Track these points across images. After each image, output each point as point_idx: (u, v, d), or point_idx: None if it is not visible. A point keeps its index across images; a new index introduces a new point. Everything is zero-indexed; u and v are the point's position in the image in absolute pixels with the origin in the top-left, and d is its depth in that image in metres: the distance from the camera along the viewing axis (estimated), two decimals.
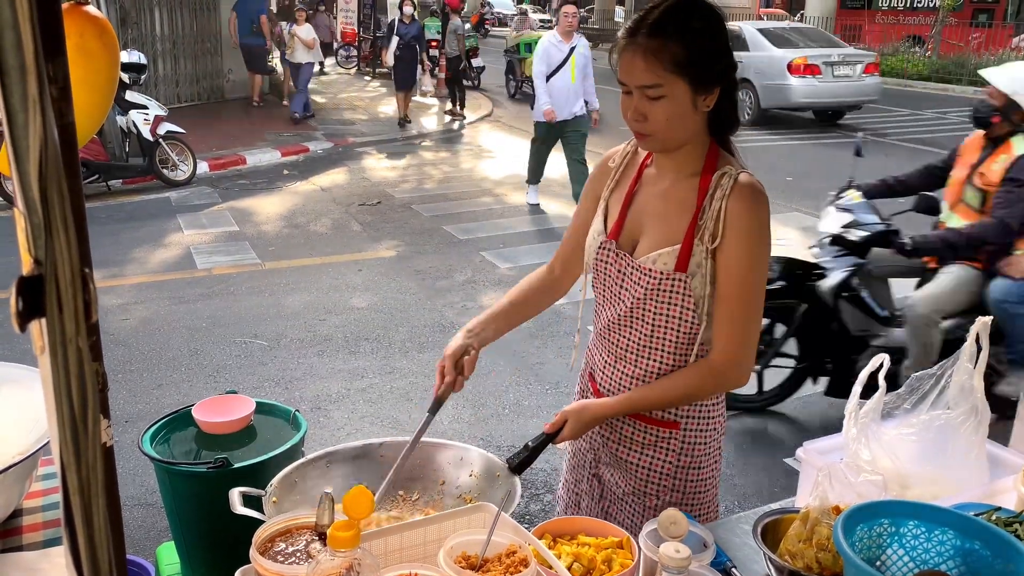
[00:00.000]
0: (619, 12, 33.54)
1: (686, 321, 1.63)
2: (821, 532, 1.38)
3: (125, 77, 8.96)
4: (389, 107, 15.85)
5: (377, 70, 20.10)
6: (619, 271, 1.69)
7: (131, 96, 9.02)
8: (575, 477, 1.94)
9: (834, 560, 1.36)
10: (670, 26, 1.50)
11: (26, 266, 0.49)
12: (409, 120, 13.56)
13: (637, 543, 1.39)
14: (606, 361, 1.78)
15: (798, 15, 27.99)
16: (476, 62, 18.67)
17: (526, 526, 1.38)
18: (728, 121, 1.63)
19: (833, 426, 1.75)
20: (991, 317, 1.60)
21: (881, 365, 1.61)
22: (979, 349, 1.59)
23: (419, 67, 13.98)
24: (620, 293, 1.70)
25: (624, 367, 1.73)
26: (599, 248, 1.73)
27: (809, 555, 1.38)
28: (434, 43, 17.56)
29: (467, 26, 19.47)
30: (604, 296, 1.76)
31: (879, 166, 11.01)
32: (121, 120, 9.06)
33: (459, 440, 1.75)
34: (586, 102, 7.93)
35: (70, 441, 0.50)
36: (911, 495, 1.56)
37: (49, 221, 0.47)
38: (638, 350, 1.70)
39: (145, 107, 9.06)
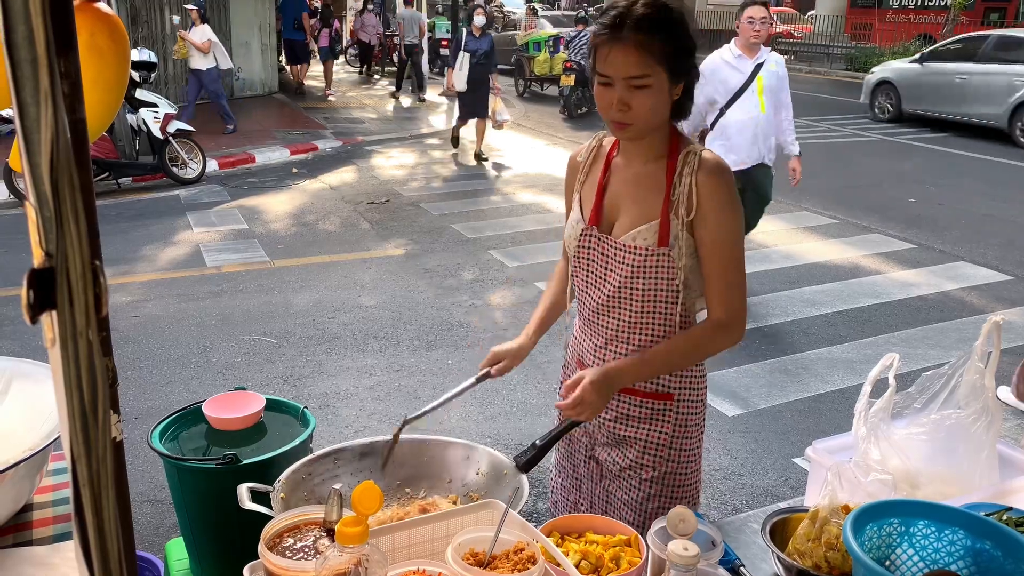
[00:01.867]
0: None
1: (672, 292, 1.73)
2: (830, 531, 1.38)
3: (135, 75, 9.00)
4: (399, 106, 15.88)
5: (385, 68, 20.10)
6: (602, 254, 1.78)
7: (141, 94, 9.05)
8: (572, 463, 2.01)
9: (843, 559, 1.36)
10: (655, 21, 1.60)
11: (37, 259, 0.49)
12: (486, 157, 11.12)
13: (644, 538, 1.38)
14: (596, 344, 1.84)
15: (808, 14, 27.92)
16: None
17: (534, 524, 1.38)
18: (684, 108, 1.74)
19: (843, 425, 1.75)
20: (1002, 316, 1.60)
21: (891, 364, 1.60)
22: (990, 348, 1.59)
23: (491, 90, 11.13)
24: (605, 275, 1.78)
25: (616, 347, 1.80)
26: (581, 235, 1.81)
27: (818, 554, 1.38)
28: (444, 42, 18.52)
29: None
30: (587, 281, 1.83)
31: (888, 167, 10.98)
32: (131, 118, 9.10)
33: (467, 438, 1.75)
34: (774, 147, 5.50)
35: (80, 433, 0.51)
36: (921, 495, 1.55)
37: (60, 214, 0.48)
38: (629, 328, 1.77)
39: (155, 105, 9.10)
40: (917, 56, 14.62)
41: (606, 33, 1.63)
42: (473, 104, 10.88)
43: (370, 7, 19.07)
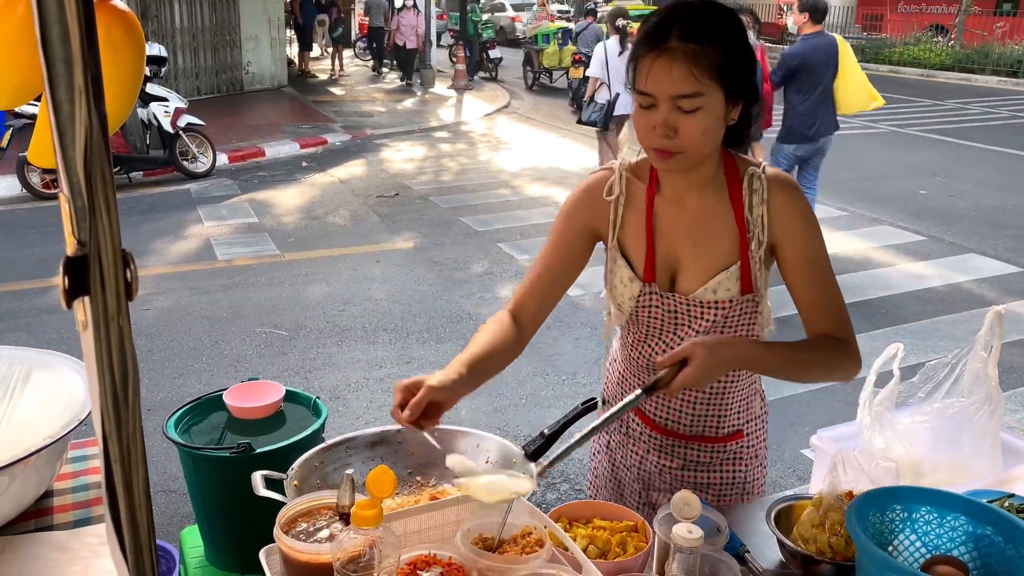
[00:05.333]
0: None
1: (751, 334, 1.58)
2: (834, 517, 1.40)
3: (146, 70, 9.03)
4: (407, 100, 15.91)
5: (394, 62, 20.17)
6: (669, 311, 1.57)
7: (152, 89, 9.10)
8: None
9: (846, 545, 1.38)
10: (706, 29, 1.37)
11: (70, 247, 0.52)
12: None
13: (652, 527, 1.41)
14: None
15: None
16: (493, 53, 18.72)
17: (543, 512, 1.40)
18: (743, 134, 1.52)
19: (851, 417, 1.77)
20: (1003, 307, 1.61)
21: (896, 354, 1.62)
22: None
23: None
24: (675, 330, 1.59)
25: (684, 394, 1.64)
26: (639, 295, 1.58)
27: (822, 540, 1.40)
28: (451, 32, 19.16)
29: (484, 17, 19.52)
30: (649, 334, 1.63)
31: (898, 159, 10.93)
32: (142, 112, 9.16)
33: (476, 428, 1.78)
34: None
35: (111, 412, 0.54)
36: (925, 483, 1.57)
37: (92, 204, 0.50)
38: None
39: (165, 99, 9.15)
40: None
41: (648, 44, 1.38)
42: None
43: (410, 3, 16.77)
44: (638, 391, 1.38)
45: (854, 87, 6.36)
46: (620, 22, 7.88)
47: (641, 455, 1.76)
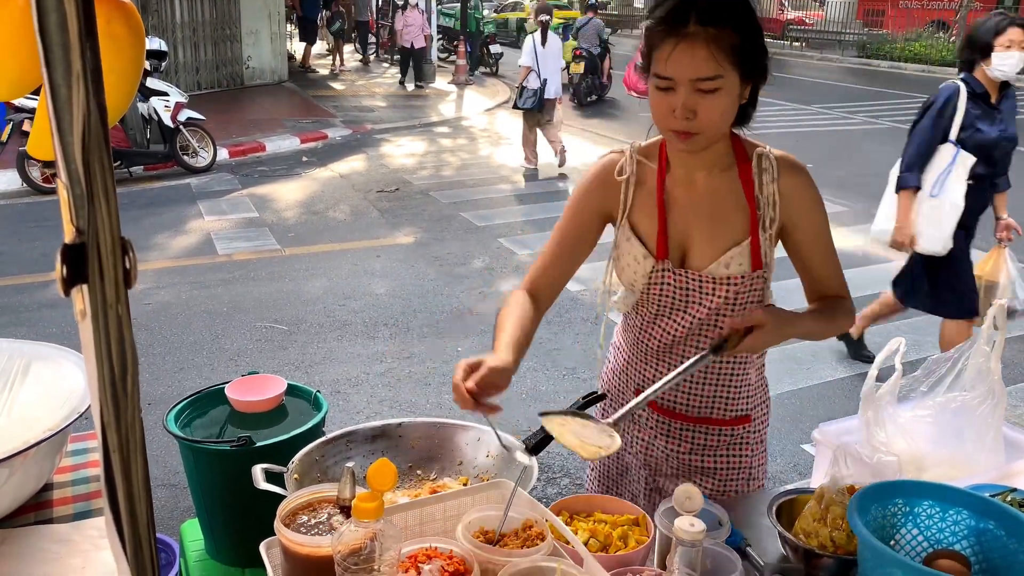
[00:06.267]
0: None
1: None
2: (835, 511, 1.40)
3: (146, 64, 9.02)
4: (408, 95, 15.87)
5: (394, 57, 20.11)
6: (681, 288, 1.60)
7: (152, 83, 9.09)
8: (627, 495, 1.83)
9: (848, 539, 1.37)
10: (724, 12, 1.40)
11: (68, 235, 0.52)
12: None
13: (654, 520, 1.40)
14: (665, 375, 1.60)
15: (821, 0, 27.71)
16: (494, 48, 18.68)
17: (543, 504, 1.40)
18: (748, 114, 1.56)
19: (852, 412, 1.77)
20: (1006, 300, 1.61)
21: (897, 348, 1.61)
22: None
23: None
24: (686, 308, 1.62)
25: (694, 374, 1.65)
26: (652, 272, 1.61)
27: (823, 534, 1.40)
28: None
29: (486, 12, 19.48)
30: (659, 314, 1.66)
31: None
32: (142, 107, 9.15)
33: (477, 422, 1.78)
34: None
35: (110, 401, 0.53)
36: (927, 477, 1.56)
37: (91, 191, 0.50)
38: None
39: (166, 94, 9.13)
40: None
41: (666, 28, 1.41)
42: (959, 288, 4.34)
43: (412, 1, 15.70)
44: (705, 351, 1.45)
45: None
46: (543, 17, 9.19)
47: (648, 441, 1.78)
